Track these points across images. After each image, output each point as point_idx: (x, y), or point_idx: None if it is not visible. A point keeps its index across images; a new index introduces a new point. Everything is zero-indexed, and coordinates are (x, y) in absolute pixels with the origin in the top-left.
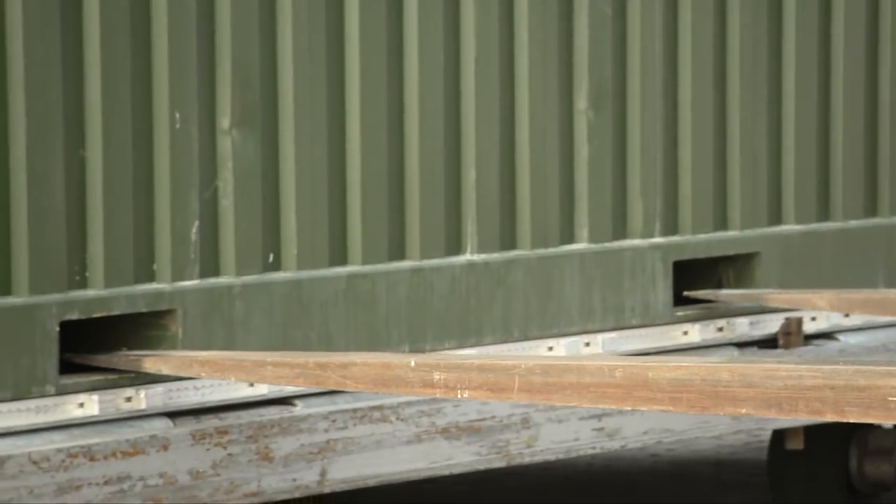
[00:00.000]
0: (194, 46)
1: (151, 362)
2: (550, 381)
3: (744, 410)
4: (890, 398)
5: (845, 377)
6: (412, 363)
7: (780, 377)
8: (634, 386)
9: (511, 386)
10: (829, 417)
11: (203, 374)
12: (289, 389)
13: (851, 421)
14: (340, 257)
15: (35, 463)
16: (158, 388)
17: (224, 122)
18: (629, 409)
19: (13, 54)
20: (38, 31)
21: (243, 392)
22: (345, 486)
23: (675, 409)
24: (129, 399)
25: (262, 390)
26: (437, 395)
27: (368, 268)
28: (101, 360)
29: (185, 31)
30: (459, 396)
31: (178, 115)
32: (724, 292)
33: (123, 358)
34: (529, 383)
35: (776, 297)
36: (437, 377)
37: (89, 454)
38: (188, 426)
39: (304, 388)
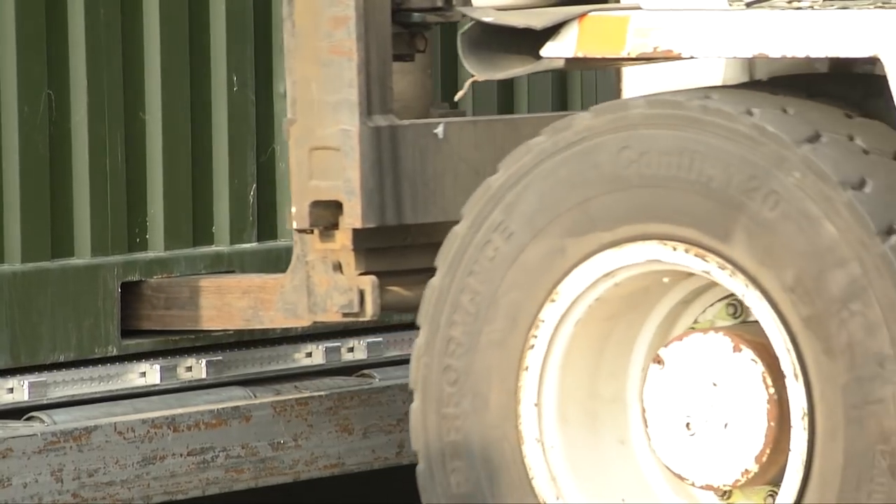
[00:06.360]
0: (251, 11)
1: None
2: None
3: None
4: None
5: None
6: None
7: None
8: None
9: None
10: None
11: None
12: (360, 359)
13: None
14: None
15: (120, 433)
16: (218, 356)
17: (281, 86)
18: None
19: (73, 18)
20: None
21: (303, 362)
22: None
23: None
24: (189, 368)
25: (318, 360)
26: None
27: None
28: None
29: None
30: None
31: (235, 79)
32: None
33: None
34: None
35: None
36: None
37: (173, 425)
38: (269, 398)
39: (381, 359)
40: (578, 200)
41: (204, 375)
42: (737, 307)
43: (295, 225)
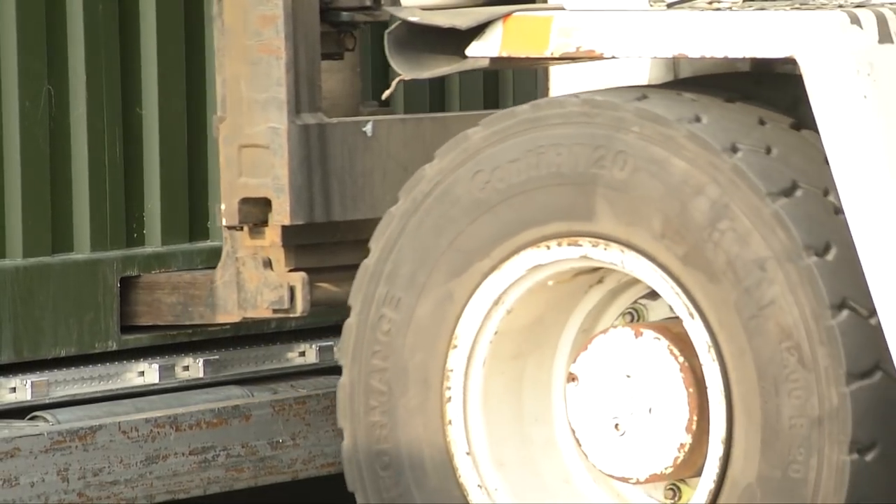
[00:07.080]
0: None
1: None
2: None
3: None
4: None
5: None
6: None
7: None
8: None
9: None
10: None
11: None
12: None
13: None
14: None
15: (124, 433)
16: (215, 356)
17: None
18: None
19: (73, 15)
20: None
21: (296, 361)
22: None
23: None
24: (186, 368)
25: (311, 359)
26: None
27: None
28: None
29: None
30: None
31: None
32: None
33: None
34: None
35: None
36: None
37: (175, 424)
38: (268, 397)
39: None
40: (449, 241)
41: (201, 374)
42: (633, 314)
43: (224, 221)
